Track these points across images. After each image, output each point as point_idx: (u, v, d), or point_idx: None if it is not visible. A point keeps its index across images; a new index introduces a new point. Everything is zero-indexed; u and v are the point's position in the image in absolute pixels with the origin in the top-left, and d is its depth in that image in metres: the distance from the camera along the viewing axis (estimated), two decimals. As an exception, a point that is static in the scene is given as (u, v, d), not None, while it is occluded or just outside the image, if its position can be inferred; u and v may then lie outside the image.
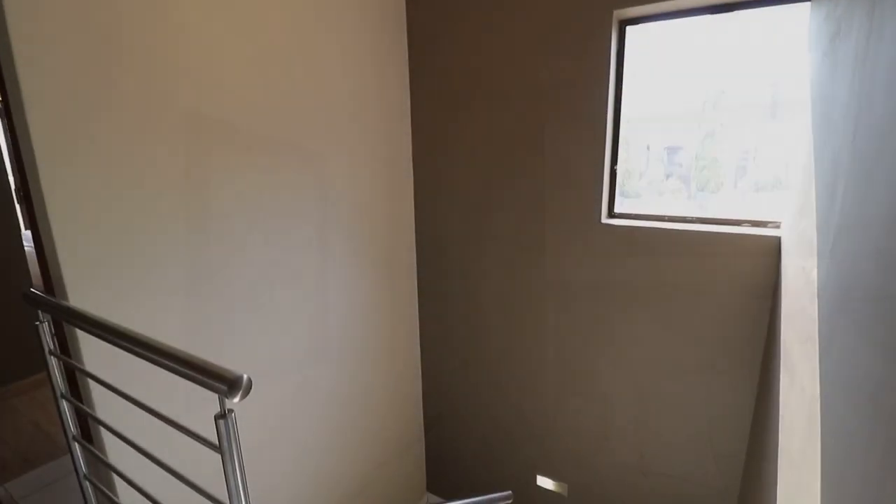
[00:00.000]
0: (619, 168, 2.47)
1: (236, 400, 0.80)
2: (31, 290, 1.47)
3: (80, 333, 1.52)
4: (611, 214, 2.54)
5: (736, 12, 2.08)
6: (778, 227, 2.16)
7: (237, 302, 2.00)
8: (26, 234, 3.62)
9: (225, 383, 0.80)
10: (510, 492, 1.95)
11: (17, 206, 3.88)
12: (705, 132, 2.58)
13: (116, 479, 1.51)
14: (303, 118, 2.22)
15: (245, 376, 0.81)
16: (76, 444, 1.51)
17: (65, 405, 1.48)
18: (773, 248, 2.09)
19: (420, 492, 3.76)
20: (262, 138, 2.04)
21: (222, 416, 0.84)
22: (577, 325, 2.70)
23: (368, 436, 3.00)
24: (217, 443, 0.86)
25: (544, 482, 3.13)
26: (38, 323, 1.44)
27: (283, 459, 2.40)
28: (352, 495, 2.89)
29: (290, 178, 2.19)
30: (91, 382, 1.56)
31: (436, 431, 3.60)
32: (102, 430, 1.48)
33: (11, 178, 3.60)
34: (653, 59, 2.38)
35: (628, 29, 2.30)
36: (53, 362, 1.47)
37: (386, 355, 3.06)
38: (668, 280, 2.35)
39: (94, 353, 1.54)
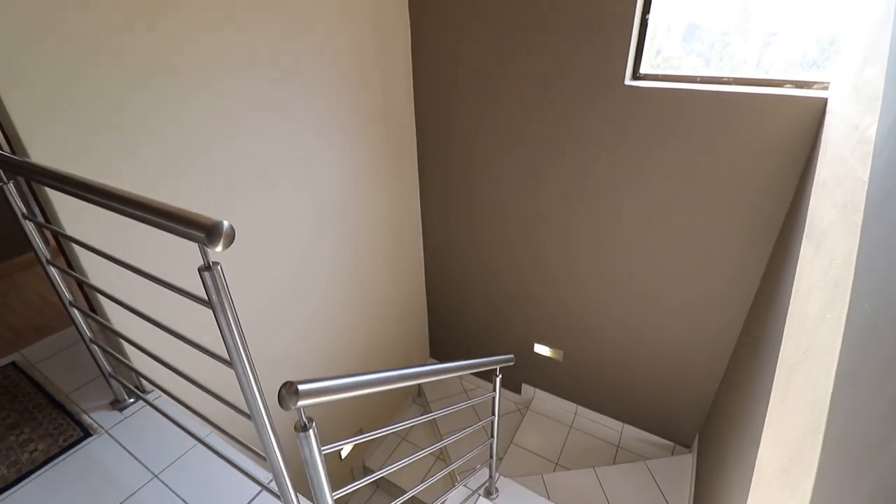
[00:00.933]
0: (652, 19, 2.12)
1: (218, 249, 0.70)
2: (-14, 146, 1.30)
3: (55, 197, 1.40)
4: (636, 76, 2.26)
5: None
6: (825, 88, 1.92)
7: (232, 168, 1.85)
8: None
9: (203, 230, 0.69)
10: (512, 355, 2.02)
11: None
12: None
13: (124, 341, 1.51)
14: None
15: (225, 222, 0.70)
16: (74, 309, 1.49)
17: (53, 271, 1.42)
18: (815, 111, 1.88)
19: (423, 359, 4.02)
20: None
21: (207, 267, 0.75)
22: (587, 197, 2.58)
23: (373, 307, 3.08)
24: (207, 297, 0.78)
25: (541, 349, 3.31)
26: (2, 185, 1.30)
27: (295, 330, 2.47)
28: (358, 361, 3.06)
29: (266, 31, 1.87)
30: (79, 249, 1.49)
31: (438, 303, 3.71)
32: (102, 297, 1.44)
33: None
34: None
35: None
36: (31, 227, 1.37)
37: (388, 230, 3.00)
38: (693, 148, 2.17)
39: (75, 218, 1.44)
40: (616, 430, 3.37)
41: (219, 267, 0.76)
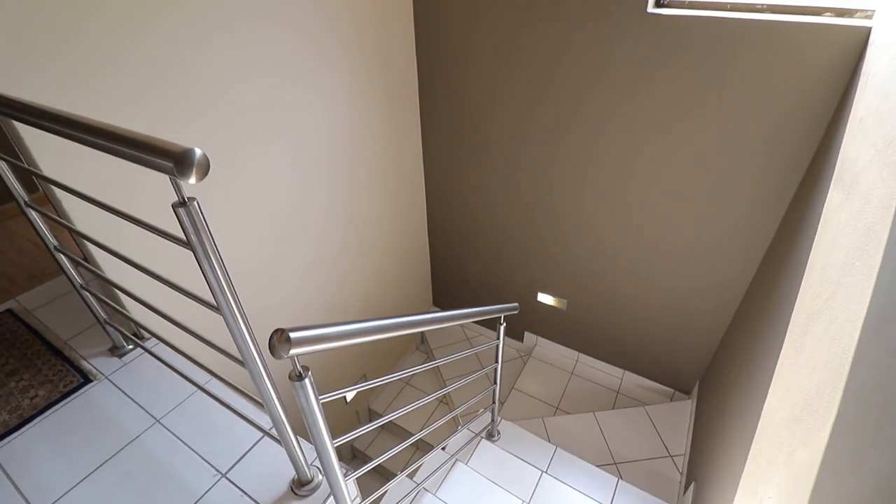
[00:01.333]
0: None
1: (191, 181, 0.62)
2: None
3: (25, 133, 1.30)
4: (659, 3, 2.05)
5: None
6: (869, 16, 1.74)
7: (214, 94, 1.72)
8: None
9: (170, 159, 0.60)
10: (516, 304, 1.97)
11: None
12: None
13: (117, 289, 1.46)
14: None
15: (197, 150, 0.61)
16: (61, 255, 1.42)
17: (33, 215, 1.34)
18: (856, 43, 1.72)
19: (426, 306, 4.02)
20: None
21: (181, 203, 0.66)
22: (598, 137, 2.43)
23: (373, 253, 3.02)
24: (185, 237, 0.71)
25: (545, 298, 3.28)
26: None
27: (293, 277, 2.42)
28: (358, 309, 3.05)
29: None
30: (61, 194, 1.41)
31: (441, 250, 3.65)
32: (92, 244, 1.37)
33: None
34: None
35: None
36: (3, 167, 1.27)
37: (388, 172, 2.88)
38: (717, 82, 2.00)
39: (53, 160, 1.35)
40: (616, 377, 3.41)
41: (195, 203, 0.67)
